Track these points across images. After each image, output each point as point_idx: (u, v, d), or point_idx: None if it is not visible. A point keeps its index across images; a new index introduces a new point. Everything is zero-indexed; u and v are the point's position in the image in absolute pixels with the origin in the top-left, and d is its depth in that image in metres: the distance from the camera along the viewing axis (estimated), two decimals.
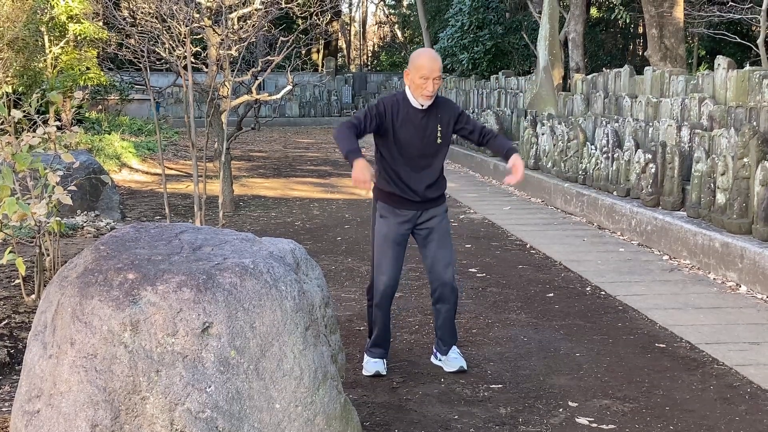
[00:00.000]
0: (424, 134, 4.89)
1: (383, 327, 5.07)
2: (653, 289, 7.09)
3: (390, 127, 4.86)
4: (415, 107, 4.88)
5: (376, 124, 4.83)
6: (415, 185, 4.93)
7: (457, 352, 5.18)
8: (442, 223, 5.04)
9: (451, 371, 5.07)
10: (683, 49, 15.04)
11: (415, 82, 4.80)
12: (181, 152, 19.79)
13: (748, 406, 4.59)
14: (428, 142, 4.92)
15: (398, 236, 4.97)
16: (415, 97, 4.85)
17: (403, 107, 4.87)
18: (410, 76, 4.83)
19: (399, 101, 4.90)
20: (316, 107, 33.66)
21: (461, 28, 23.45)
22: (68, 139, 6.56)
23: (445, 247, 5.03)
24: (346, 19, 49.56)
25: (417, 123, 4.87)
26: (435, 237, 5.01)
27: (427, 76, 4.75)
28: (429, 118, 4.90)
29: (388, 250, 4.96)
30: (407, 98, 4.89)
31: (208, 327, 3.02)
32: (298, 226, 10.21)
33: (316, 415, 3.20)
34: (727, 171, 8.01)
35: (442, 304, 5.07)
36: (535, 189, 12.82)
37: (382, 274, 4.97)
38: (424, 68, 4.76)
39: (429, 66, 4.76)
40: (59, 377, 3.04)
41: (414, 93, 4.84)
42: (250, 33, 10.38)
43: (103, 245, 3.33)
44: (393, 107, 4.86)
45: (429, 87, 4.77)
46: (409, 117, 4.86)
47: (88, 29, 16.81)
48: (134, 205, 11.75)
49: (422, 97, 4.82)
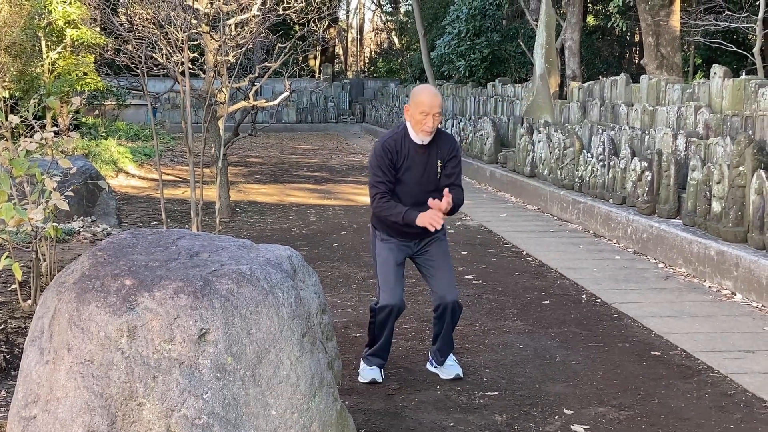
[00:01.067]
0: (425, 170, 4.92)
1: (386, 342, 5.10)
2: (649, 297, 7.10)
3: (396, 165, 4.89)
4: (416, 143, 4.90)
5: (392, 169, 4.86)
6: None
7: (453, 359, 5.20)
8: (441, 244, 5.09)
9: (448, 378, 5.08)
10: (679, 58, 15.07)
11: (415, 118, 4.82)
12: (178, 158, 19.79)
13: (743, 414, 4.60)
14: (429, 178, 4.93)
15: (399, 258, 5.02)
16: (416, 132, 4.87)
17: (405, 144, 4.89)
18: (410, 111, 4.86)
19: (401, 138, 4.90)
20: (313, 113, 33.68)
21: (458, 36, 23.48)
22: (65, 145, 6.57)
23: (446, 267, 5.06)
24: (343, 25, 49.62)
25: (419, 160, 4.89)
26: (435, 257, 5.06)
27: (427, 112, 4.78)
28: (430, 154, 4.92)
29: (390, 272, 4.99)
30: (408, 134, 4.91)
31: (204, 333, 3.03)
32: (294, 232, 10.21)
33: (312, 421, 3.20)
34: (722, 179, 8.03)
35: (446, 318, 5.08)
36: (531, 196, 12.83)
37: (390, 296, 4.96)
38: (424, 104, 4.78)
39: (429, 102, 4.79)
40: (56, 383, 3.05)
41: (414, 128, 4.86)
42: (247, 39, 10.40)
43: (101, 251, 3.33)
44: (395, 146, 4.87)
45: (429, 123, 4.79)
46: (411, 154, 4.88)
47: (85, 34, 16.82)
48: (131, 211, 11.74)
49: (422, 133, 4.84)
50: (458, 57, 23.55)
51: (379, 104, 31.71)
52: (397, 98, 28.70)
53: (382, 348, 5.11)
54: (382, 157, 4.85)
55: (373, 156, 4.92)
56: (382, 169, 4.85)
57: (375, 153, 4.91)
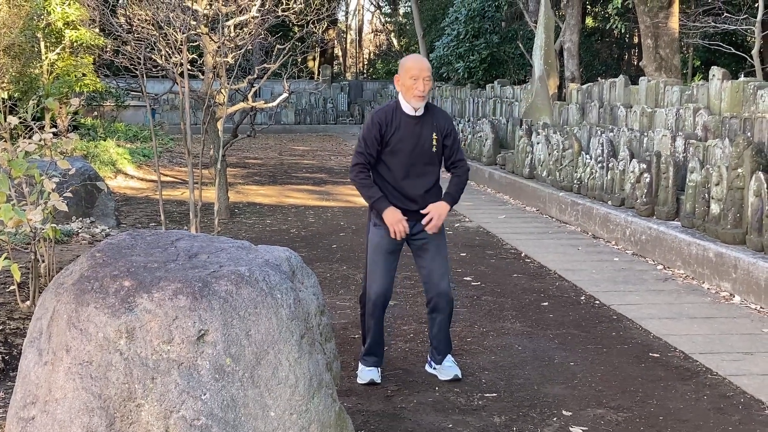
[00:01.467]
0: (418, 141, 4.89)
1: (376, 335, 5.07)
2: (647, 299, 7.11)
3: (386, 138, 4.87)
4: (408, 114, 4.89)
5: (378, 147, 4.86)
6: (410, 194, 4.92)
7: (451, 360, 5.18)
8: (439, 234, 5.01)
9: (446, 380, 5.07)
10: (678, 60, 15.08)
11: (405, 84, 4.84)
12: (177, 159, 19.79)
13: (742, 416, 4.61)
14: (423, 150, 4.91)
15: (391, 245, 4.96)
16: (408, 100, 4.87)
17: (397, 115, 4.89)
18: (401, 80, 4.88)
19: (392, 110, 4.91)
20: (311, 115, 33.68)
21: (457, 37, 23.50)
22: (64, 146, 6.57)
23: (441, 258, 5.01)
24: (342, 27, 49.63)
25: (411, 130, 4.88)
26: (430, 247, 5.00)
27: (416, 76, 4.80)
28: (423, 126, 4.91)
29: (379, 259, 4.96)
30: (400, 106, 4.92)
31: (203, 334, 3.03)
32: (293, 233, 10.21)
33: (311, 423, 3.20)
34: (721, 181, 8.04)
35: (438, 313, 5.06)
36: (530, 198, 12.84)
37: (374, 282, 4.97)
38: (413, 69, 4.82)
39: (417, 66, 4.83)
40: (54, 384, 3.05)
41: (406, 96, 4.87)
42: (246, 40, 10.40)
43: (99, 252, 3.33)
44: (386, 117, 4.88)
45: (420, 86, 4.80)
46: (402, 125, 4.88)
47: (84, 36, 16.82)
48: (129, 212, 11.74)
49: (414, 99, 4.84)
50: (457, 58, 23.57)
51: (378, 105, 31.73)
52: None
53: (375, 345, 5.08)
54: (370, 128, 4.87)
55: (364, 126, 4.95)
56: (367, 141, 4.86)
57: (365, 124, 4.95)
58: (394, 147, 4.87)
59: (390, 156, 4.89)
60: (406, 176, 4.90)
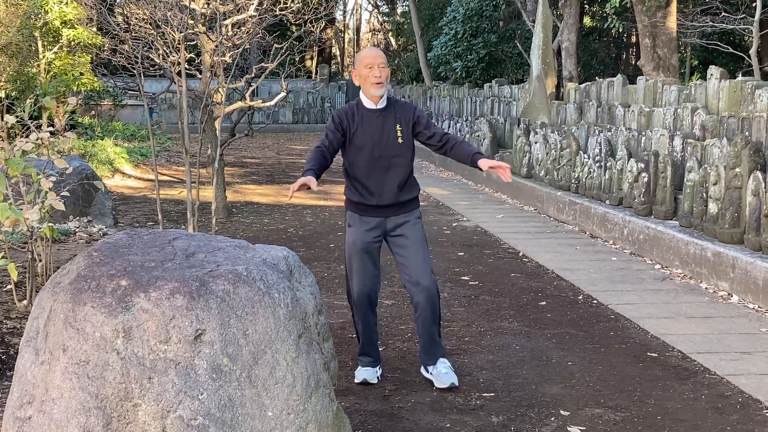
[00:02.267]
0: (381, 134, 4.89)
1: (366, 335, 5.07)
2: (645, 298, 7.10)
3: (348, 133, 4.90)
4: (369, 108, 4.92)
5: (339, 136, 4.88)
6: (379, 189, 4.91)
7: (447, 366, 5.01)
8: (415, 228, 4.98)
9: (442, 387, 4.91)
10: (676, 59, 15.08)
11: (362, 75, 4.87)
12: (174, 158, 19.77)
13: (740, 415, 4.60)
14: (388, 143, 4.89)
15: (366, 245, 4.96)
16: (366, 89, 4.89)
17: (358, 111, 4.92)
18: (357, 72, 4.91)
19: (353, 106, 4.96)
20: (309, 114, 33.66)
21: (455, 37, 23.49)
22: (61, 145, 6.56)
23: (419, 253, 4.94)
24: (340, 26, 49.61)
25: (373, 124, 4.89)
26: (408, 243, 4.96)
27: (371, 64, 4.83)
28: (386, 119, 4.91)
29: (356, 259, 4.97)
30: (361, 102, 4.95)
31: (200, 334, 3.02)
32: (291, 233, 10.21)
33: (309, 422, 3.19)
34: (719, 181, 8.04)
35: (421, 311, 4.96)
36: (527, 197, 12.83)
37: (354, 283, 5.00)
38: (366, 57, 4.87)
39: (371, 54, 4.89)
40: (51, 383, 3.04)
41: (364, 86, 4.90)
42: (244, 40, 10.39)
43: (96, 251, 3.32)
44: (348, 113, 4.92)
45: (375, 72, 4.82)
46: (364, 119, 4.90)
47: (81, 35, 16.80)
48: (127, 211, 11.73)
49: (373, 87, 4.85)
50: (455, 58, 23.56)
51: None
52: None
53: (366, 343, 5.06)
54: (330, 122, 4.93)
55: (327, 122, 5.02)
56: (329, 130, 4.88)
57: (329, 119, 5.04)
58: (358, 142, 4.89)
59: (356, 152, 4.90)
60: (373, 171, 4.90)
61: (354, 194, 4.99)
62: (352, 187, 5.00)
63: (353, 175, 4.97)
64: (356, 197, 4.98)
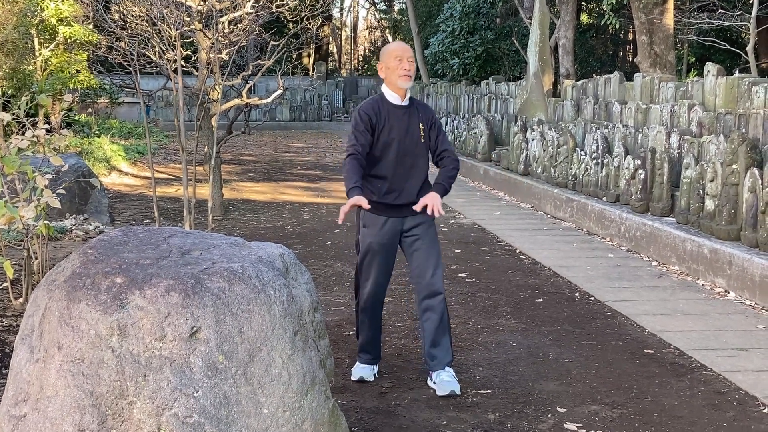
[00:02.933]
0: (407, 131, 4.80)
1: (370, 333, 5.00)
2: (642, 295, 7.10)
3: (376, 130, 4.77)
4: (395, 104, 4.82)
5: (369, 136, 4.74)
6: (401, 187, 4.79)
7: (451, 374, 4.88)
8: (430, 230, 4.90)
9: (442, 395, 4.76)
10: (673, 56, 15.08)
11: (390, 67, 4.78)
12: (171, 156, 19.75)
13: (737, 412, 4.60)
14: (412, 141, 4.81)
15: (383, 246, 4.85)
16: (394, 82, 4.80)
17: (384, 106, 4.81)
18: (384, 64, 4.83)
19: (377, 101, 4.85)
20: (306, 111, 33.64)
21: (452, 34, 23.48)
22: (57, 142, 6.55)
23: (432, 256, 4.87)
24: (337, 23, 49.58)
25: (400, 120, 4.79)
26: (421, 245, 4.88)
27: (400, 56, 4.76)
28: (411, 116, 4.83)
29: (373, 260, 4.86)
30: (385, 97, 4.85)
31: (196, 332, 3.01)
32: (287, 230, 10.20)
33: (304, 420, 3.19)
34: (716, 177, 8.03)
35: (431, 312, 4.88)
36: (524, 194, 12.83)
37: (368, 283, 4.90)
38: (396, 50, 4.80)
39: (400, 47, 4.82)
40: (46, 381, 3.03)
41: (391, 78, 4.81)
42: (240, 37, 10.37)
43: (91, 249, 3.31)
44: (374, 109, 4.79)
45: (405, 65, 4.75)
46: (390, 114, 4.79)
47: (78, 32, 16.77)
48: (123, 209, 11.71)
49: (401, 79, 4.76)
50: (452, 55, 23.55)
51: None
52: None
53: (369, 342, 5.01)
54: (359, 120, 4.76)
55: (352, 122, 4.84)
56: (358, 131, 4.73)
57: (353, 119, 4.83)
58: (385, 139, 4.77)
59: (382, 149, 4.78)
60: (399, 169, 4.79)
61: (373, 193, 4.77)
62: (371, 186, 4.79)
63: (375, 173, 4.79)
64: (375, 196, 4.77)
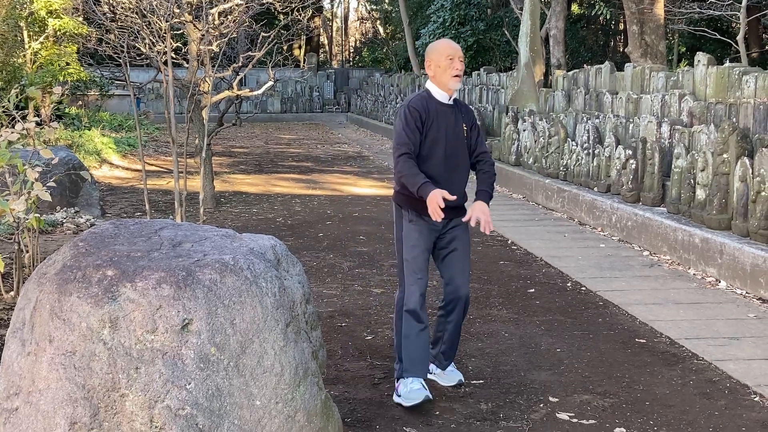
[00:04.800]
0: (454, 130, 4.64)
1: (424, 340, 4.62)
2: (633, 285, 7.12)
3: (425, 127, 4.60)
4: (442, 102, 4.64)
5: (419, 135, 4.55)
6: (449, 188, 4.50)
7: (453, 365, 4.91)
8: (466, 234, 4.73)
9: (450, 385, 4.75)
10: (663, 46, 15.10)
11: (441, 66, 4.59)
12: (162, 148, 19.70)
13: (728, 400, 4.62)
14: (458, 140, 4.65)
15: (428, 245, 4.63)
16: (444, 82, 4.60)
17: (432, 104, 4.62)
18: (434, 62, 4.62)
19: (425, 98, 4.64)
20: (297, 103, 33.60)
21: (443, 24, 23.46)
22: (47, 135, 6.53)
23: (464, 260, 4.70)
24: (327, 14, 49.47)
25: (448, 118, 4.63)
26: (457, 246, 4.68)
27: (452, 56, 4.59)
28: (457, 116, 4.67)
29: (419, 258, 4.59)
30: (432, 95, 4.65)
31: (187, 324, 3.01)
32: (279, 222, 10.19)
33: (297, 411, 3.19)
34: (706, 167, 8.05)
35: (454, 316, 4.71)
36: (516, 185, 12.84)
37: (414, 283, 4.59)
38: (448, 48, 4.62)
39: (452, 46, 4.65)
40: (38, 374, 3.02)
41: (442, 78, 4.60)
42: (231, 28, 10.34)
43: (82, 242, 3.31)
44: (423, 107, 4.59)
45: (457, 65, 4.59)
46: (438, 113, 4.61)
47: (67, 24, 16.70)
48: (114, 202, 11.69)
49: (453, 80, 4.59)
50: None
51: (365, 94, 31.67)
52: (382, 88, 28.66)
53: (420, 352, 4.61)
54: (409, 116, 4.55)
55: (399, 119, 4.63)
56: (409, 129, 4.54)
57: (401, 116, 4.62)
58: (432, 136, 4.57)
59: (430, 147, 4.58)
60: (446, 168, 4.59)
61: None
62: None
63: (424, 171, 4.53)
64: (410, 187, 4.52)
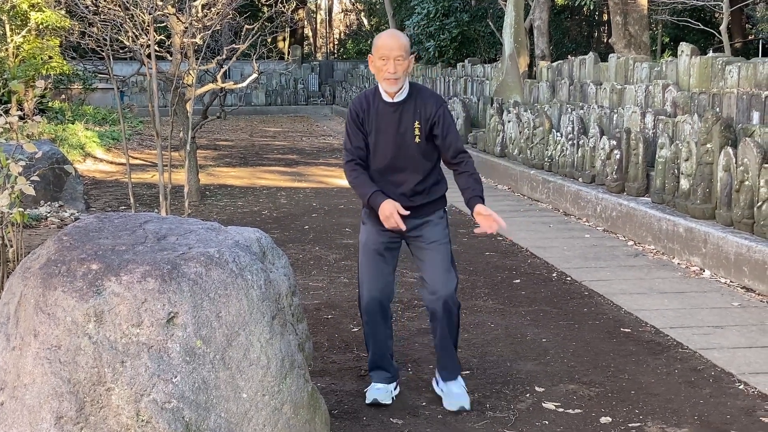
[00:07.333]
0: (397, 132, 4.27)
1: (377, 348, 4.50)
2: (618, 275, 7.15)
3: (366, 127, 4.34)
4: (386, 101, 4.30)
5: (362, 136, 4.32)
6: (397, 190, 4.30)
7: (461, 385, 4.49)
8: (435, 229, 4.40)
9: (452, 410, 4.36)
10: (647, 36, 15.13)
11: (376, 66, 4.26)
12: (146, 142, 19.62)
13: (712, 389, 4.65)
14: (403, 142, 4.28)
15: (379, 245, 4.39)
16: (380, 82, 4.30)
17: (373, 103, 4.32)
18: (372, 60, 4.30)
19: (368, 97, 4.35)
20: (282, 95, 33.52)
21: (427, 16, 23.43)
22: (31, 129, 6.49)
23: (436, 258, 4.38)
24: (311, 6, 49.33)
25: (388, 119, 4.28)
26: (424, 246, 4.40)
27: (386, 56, 4.19)
28: (403, 114, 4.28)
29: (368, 260, 4.41)
30: (378, 92, 4.34)
31: (173, 317, 3.00)
32: (265, 215, 10.17)
33: (284, 403, 3.19)
34: (690, 157, 8.09)
35: (436, 322, 4.44)
36: (501, 176, 12.86)
37: (364, 286, 4.44)
38: (382, 48, 4.21)
39: (388, 45, 4.21)
40: (23, 369, 3.01)
41: (377, 78, 4.29)
42: (214, 21, 10.31)
43: (66, 236, 3.30)
44: (362, 107, 4.33)
45: (390, 68, 4.18)
46: (379, 113, 4.29)
47: (50, 18, 16.59)
48: (99, 195, 11.64)
49: (386, 82, 4.23)
50: (427, 38, 23.51)
51: (349, 86, 31.63)
52: (367, 80, 28.62)
53: (378, 356, 4.50)
54: (349, 118, 4.35)
55: (346, 118, 4.44)
56: (350, 134, 4.33)
57: (346, 115, 4.44)
58: (374, 138, 4.30)
59: (374, 147, 4.32)
60: (390, 170, 4.31)
61: None
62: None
63: (372, 170, 4.36)
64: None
